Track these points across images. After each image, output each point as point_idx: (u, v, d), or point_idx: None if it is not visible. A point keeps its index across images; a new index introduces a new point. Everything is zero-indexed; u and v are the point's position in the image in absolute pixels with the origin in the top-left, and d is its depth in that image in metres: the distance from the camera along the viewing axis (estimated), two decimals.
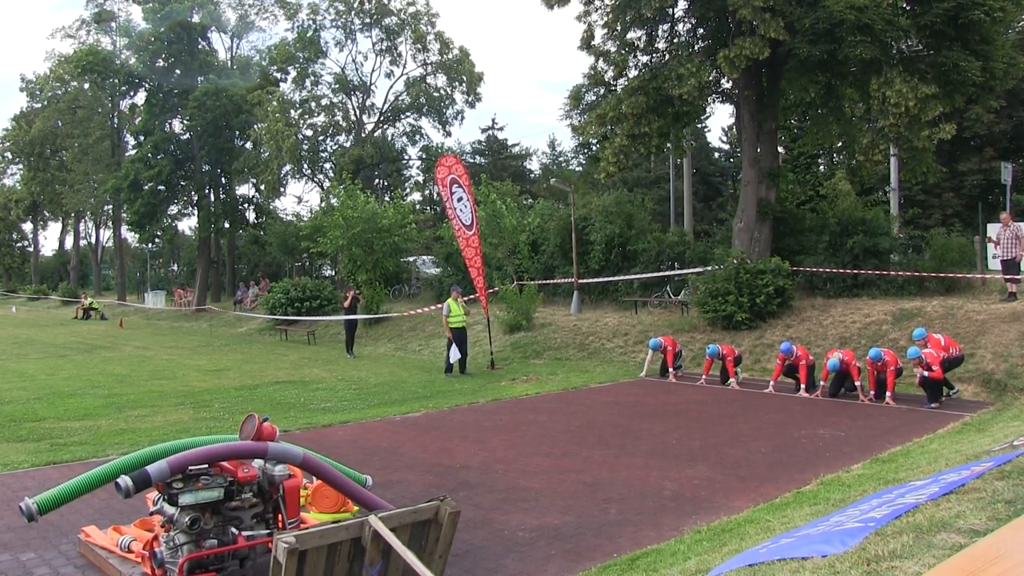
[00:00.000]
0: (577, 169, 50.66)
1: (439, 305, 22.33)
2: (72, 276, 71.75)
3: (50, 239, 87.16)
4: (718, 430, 11.79)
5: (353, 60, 44.73)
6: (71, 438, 12.13)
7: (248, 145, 46.67)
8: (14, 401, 15.75)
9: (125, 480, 5.71)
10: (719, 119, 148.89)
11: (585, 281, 25.93)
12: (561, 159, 56.49)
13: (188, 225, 58.45)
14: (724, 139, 45.43)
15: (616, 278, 25.84)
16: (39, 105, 63.71)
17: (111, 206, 56.60)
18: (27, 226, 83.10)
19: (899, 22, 18.16)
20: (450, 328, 19.07)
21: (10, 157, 75.60)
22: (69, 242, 79.11)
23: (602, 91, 23.41)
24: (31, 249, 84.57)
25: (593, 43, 23.00)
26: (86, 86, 54.77)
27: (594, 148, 37.55)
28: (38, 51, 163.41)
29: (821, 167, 36.58)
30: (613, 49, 22.80)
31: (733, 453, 10.27)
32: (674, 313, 22.83)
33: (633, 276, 25.55)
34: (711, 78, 21.83)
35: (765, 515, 7.27)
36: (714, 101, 25.14)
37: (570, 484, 8.97)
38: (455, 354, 19.02)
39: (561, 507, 8.11)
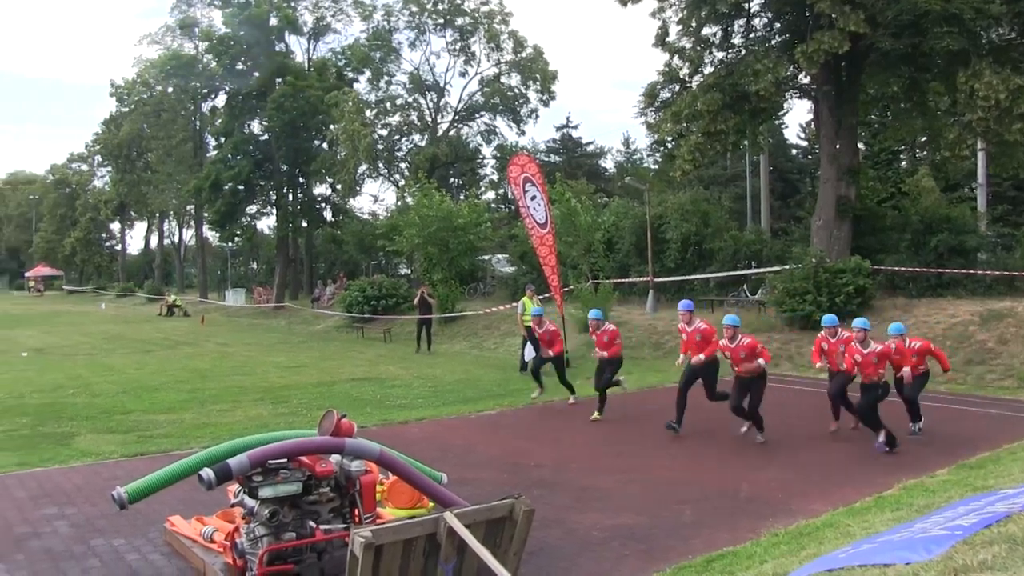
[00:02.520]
0: (652, 167, 50.23)
1: (514, 304, 22.38)
2: (157, 274, 73.72)
3: (136, 238, 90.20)
4: (793, 431, 11.60)
5: (427, 60, 44.97)
6: (157, 430, 12.48)
7: (325, 145, 47.36)
8: (104, 394, 16.27)
9: (208, 473, 5.85)
10: (797, 115, 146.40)
11: (661, 280, 25.71)
12: (636, 157, 56.10)
13: (267, 224, 59.55)
14: (802, 136, 44.56)
15: (692, 277, 25.59)
16: (127, 109, 65.62)
17: (193, 206, 57.93)
18: (115, 226, 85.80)
19: (990, 10, 17.55)
20: (524, 326, 19.09)
21: (100, 160, 78.33)
22: (154, 241, 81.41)
23: (677, 88, 23.18)
24: (119, 248, 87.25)
25: (667, 40, 22.79)
26: (170, 90, 56.17)
27: (669, 146, 37.26)
28: (127, 57, 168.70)
29: (903, 163, 35.69)
30: (688, 45, 22.56)
31: (809, 455, 10.09)
32: (751, 312, 22.50)
33: (709, 275, 25.27)
34: (788, 73, 21.47)
35: (844, 519, 7.12)
36: (791, 97, 24.73)
37: (644, 484, 8.90)
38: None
39: (635, 507, 8.05)
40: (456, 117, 46.15)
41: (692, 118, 21.67)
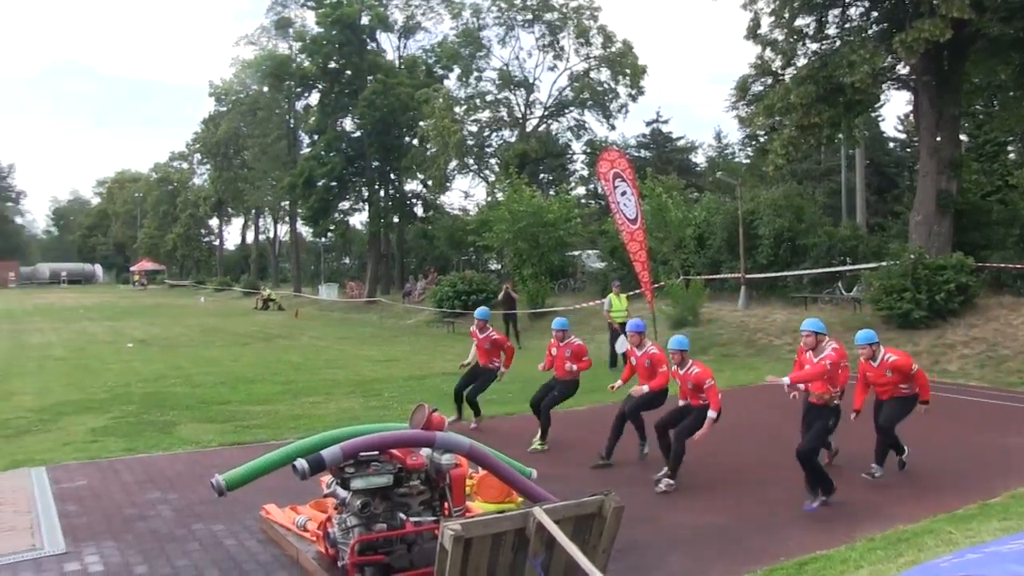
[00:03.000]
0: (744, 162, 49.43)
1: (602, 300, 22.31)
2: (252, 269, 75.62)
3: (233, 234, 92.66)
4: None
5: (516, 56, 45.01)
6: (253, 421, 12.82)
7: (415, 142, 47.88)
8: (203, 385, 16.79)
9: (301, 463, 6.01)
10: (895, 107, 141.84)
11: (753, 276, 25.30)
12: (727, 152, 55.26)
13: (359, 220, 60.55)
14: (900, 128, 43.25)
15: (785, 273, 25.10)
16: (224, 109, 67.61)
17: (287, 202, 59.21)
18: (213, 222, 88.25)
19: None
20: (618, 323, 19.10)
21: (199, 158, 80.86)
22: (250, 237, 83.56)
23: (769, 81, 22.76)
24: (217, 243, 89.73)
25: (759, 32, 22.37)
26: (265, 89, 57.54)
27: (762, 140, 36.59)
28: (224, 59, 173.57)
29: (1011, 155, 34.30)
30: (780, 37, 22.10)
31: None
32: (846, 310, 21.98)
33: (803, 271, 24.76)
34: (886, 64, 20.85)
35: (946, 526, 6.91)
36: (889, 88, 23.99)
37: (736, 483, 8.80)
38: (621, 345, 18.93)
39: (726, 506, 7.97)
40: (546, 113, 46.14)
41: (785, 111, 21.24)
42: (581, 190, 49.76)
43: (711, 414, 8.58)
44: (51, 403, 15.00)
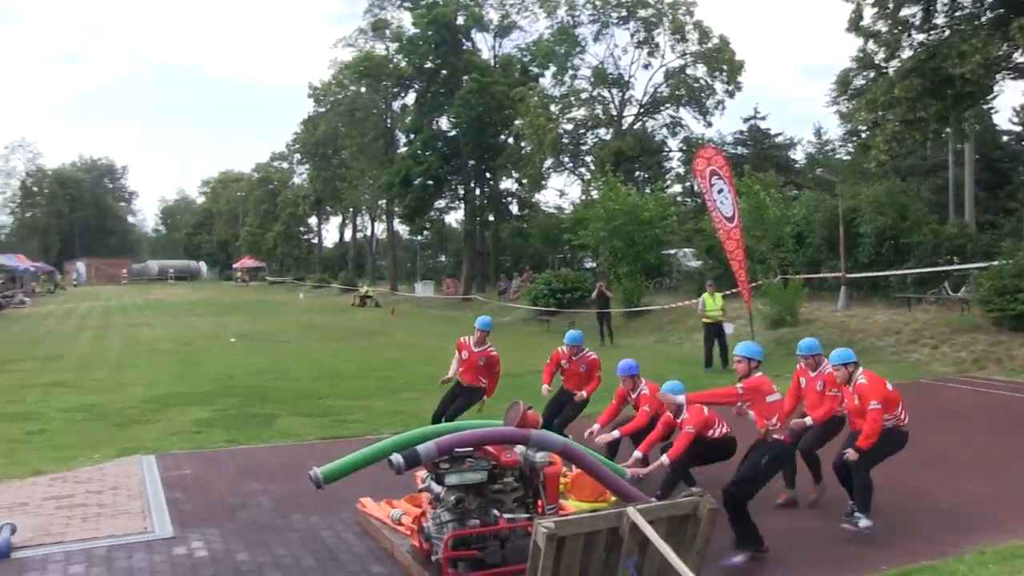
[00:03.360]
0: (845, 158, 48.17)
1: (697, 299, 22.03)
2: (350, 266, 76.89)
3: (331, 232, 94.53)
4: (1005, 440, 10.82)
5: (611, 54, 44.67)
6: (349, 416, 13.07)
7: (510, 140, 48.03)
8: (302, 379, 17.19)
9: (397, 458, 6.10)
10: (1009, 98, 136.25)
11: (853, 276, 24.63)
12: (828, 148, 53.90)
13: (455, 218, 61.08)
14: (1015, 120, 41.49)
15: (887, 273, 24.37)
16: (323, 109, 68.93)
17: (384, 200, 60.00)
18: (312, 220, 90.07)
19: None
20: (704, 322, 18.91)
21: (299, 158, 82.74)
22: (348, 234, 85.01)
23: (872, 74, 22.11)
24: (315, 241, 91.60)
25: (862, 24, 21.71)
26: (363, 90, 58.44)
27: (864, 136, 35.60)
28: (323, 61, 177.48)
29: None
30: (884, 29, 21.40)
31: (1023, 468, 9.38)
32: (952, 311, 21.21)
33: (906, 271, 24.01)
34: (1000, 53, 19.97)
35: None
36: (1003, 79, 22.98)
37: (836, 488, 8.56)
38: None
39: (826, 512, 7.77)
40: (641, 110, 45.70)
41: (889, 105, 20.58)
42: (677, 188, 49.18)
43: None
44: (159, 394, 15.59)
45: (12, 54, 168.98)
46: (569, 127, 45.39)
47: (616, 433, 8.76)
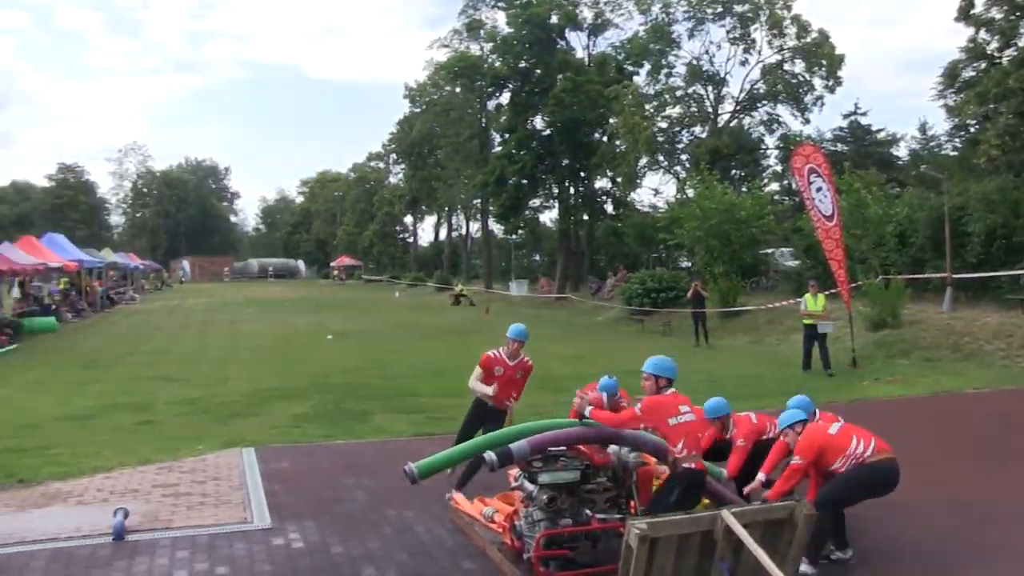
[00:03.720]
0: (952, 154, 46.48)
1: (797, 300, 21.58)
2: (445, 265, 77.55)
3: (426, 231, 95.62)
4: None
5: (706, 51, 44.05)
6: (443, 413, 13.19)
7: (605, 139, 47.83)
8: (397, 377, 17.43)
9: (491, 455, 6.13)
10: None
11: (960, 276, 23.75)
12: (933, 144, 52.01)
13: (549, 217, 61.10)
14: None
15: (998, 273, 23.42)
16: (418, 110, 69.83)
17: (479, 200, 60.43)
18: (408, 219, 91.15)
19: None
20: (804, 323, 18.51)
21: (395, 158, 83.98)
22: (443, 233, 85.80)
23: (984, 65, 21.29)
24: (411, 240, 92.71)
25: (973, 12, 20.94)
26: (458, 90, 58.92)
27: (973, 130, 34.30)
28: (418, 61, 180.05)
29: None
30: (999, 16, 20.58)
31: None
32: None
33: (1019, 271, 23.04)
34: None
35: None
36: None
37: (938, 499, 8.25)
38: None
39: (927, 523, 7.50)
40: (737, 107, 44.98)
41: (1001, 97, 19.82)
42: (774, 186, 48.17)
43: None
44: (259, 389, 16.03)
45: (128, 63, 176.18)
46: (664, 125, 44.97)
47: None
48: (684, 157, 45.98)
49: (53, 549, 7.11)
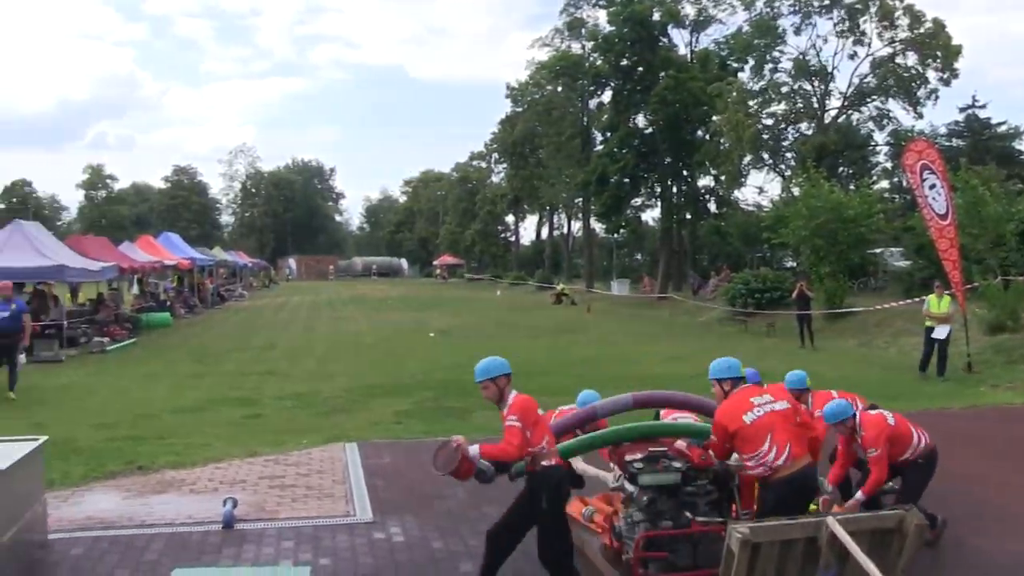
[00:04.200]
0: None
1: (908, 301, 20.88)
2: (546, 264, 77.66)
3: (528, 230, 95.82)
4: None
5: (813, 45, 42.93)
6: None
7: (708, 137, 47.23)
8: None
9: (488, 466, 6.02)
10: None
11: None
12: None
13: (651, 216, 60.70)
14: None
15: None
16: (520, 109, 70.13)
17: (581, 199, 60.35)
18: (509, 218, 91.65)
19: None
20: (926, 324, 17.91)
21: (497, 157, 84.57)
22: (544, 232, 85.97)
23: None
24: (512, 239, 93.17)
25: None
26: (559, 89, 59.00)
27: None
28: (520, 61, 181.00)
29: None
30: None
31: None
32: None
33: None
34: None
35: None
36: None
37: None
38: (940, 333, 17.60)
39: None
40: (845, 103, 43.72)
41: None
42: (884, 184, 46.78)
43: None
44: (362, 385, 16.35)
45: (239, 69, 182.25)
46: (769, 122, 44.07)
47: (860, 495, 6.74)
48: (789, 155, 45.03)
49: (169, 533, 7.48)
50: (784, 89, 43.61)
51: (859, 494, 6.68)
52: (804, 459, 5.79)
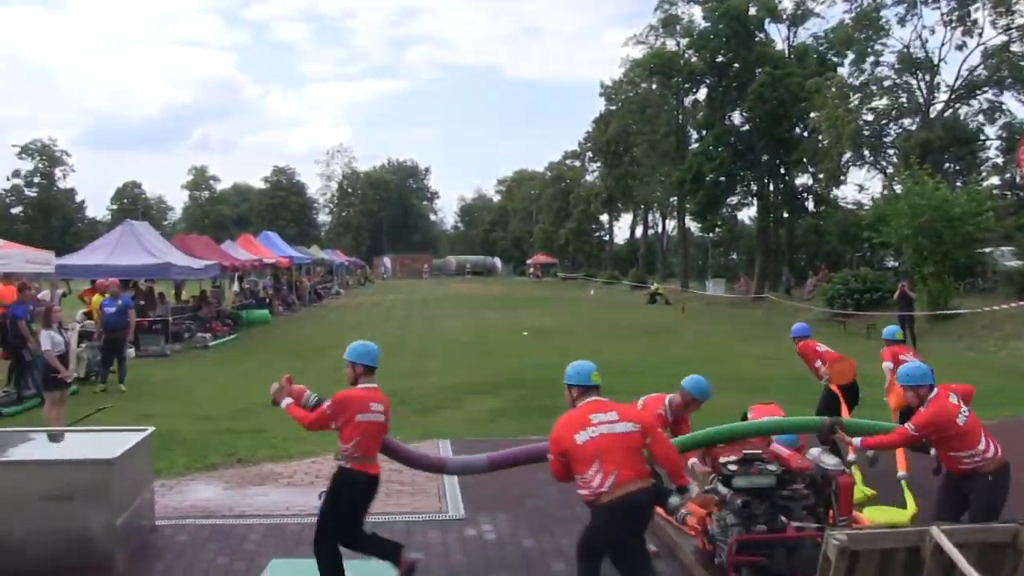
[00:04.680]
0: None
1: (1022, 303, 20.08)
2: (640, 263, 77.19)
3: (622, 229, 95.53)
4: None
5: (918, 36, 41.45)
6: None
7: (806, 134, 46.29)
8: None
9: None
10: None
11: None
12: None
13: (747, 215, 59.86)
14: None
15: None
16: (614, 108, 69.87)
17: (675, 197, 59.80)
18: (603, 217, 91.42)
19: None
20: None
21: (591, 156, 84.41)
22: (639, 232, 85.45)
23: None
24: (606, 238, 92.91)
25: None
26: (654, 87, 58.59)
27: None
28: (614, 59, 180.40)
29: None
30: None
31: None
32: None
33: None
34: None
35: None
36: None
37: None
38: None
39: None
40: (952, 96, 42.16)
41: None
42: (994, 180, 45.02)
43: None
44: (456, 383, 16.49)
45: (335, 70, 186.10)
46: (870, 118, 42.75)
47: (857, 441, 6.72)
48: (891, 151, 43.72)
49: (266, 524, 7.74)
50: (887, 83, 42.22)
51: (857, 440, 6.60)
52: (635, 483, 5.28)
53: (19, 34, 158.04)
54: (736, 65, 48.24)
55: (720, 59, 48.92)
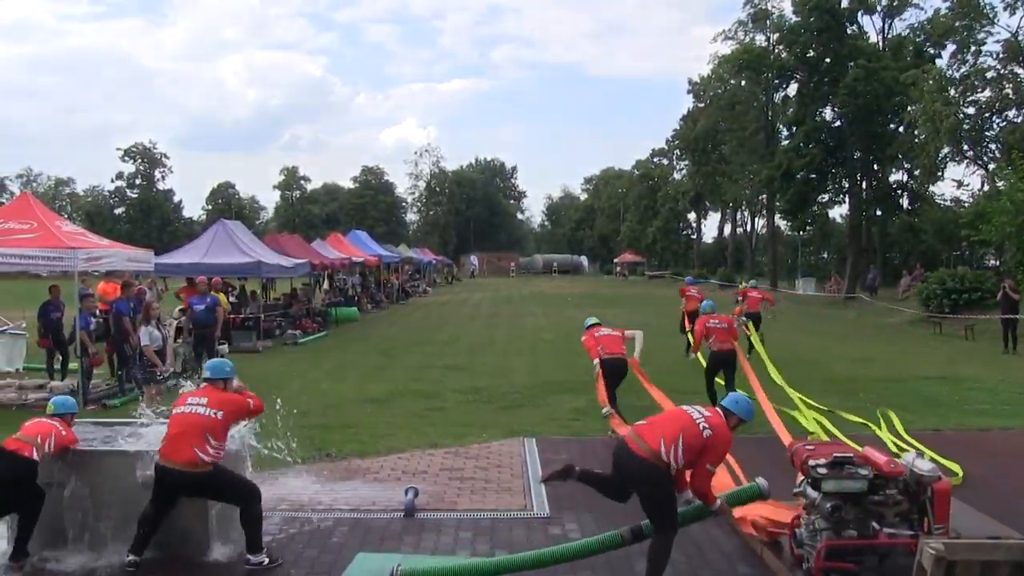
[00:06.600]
0: None
1: None
2: (729, 262, 76.20)
3: (710, 227, 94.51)
4: None
5: None
6: None
7: (902, 129, 45.02)
8: (676, 374, 17.31)
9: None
10: None
11: None
12: None
13: (838, 213, 58.58)
14: None
15: None
16: (702, 104, 69.10)
17: (764, 195, 58.91)
18: (691, 215, 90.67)
19: None
20: None
21: (679, 154, 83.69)
22: (727, 230, 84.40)
23: None
24: (694, 237, 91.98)
25: None
26: (743, 83, 57.80)
27: None
28: (702, 55, 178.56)
29: None
30: None
31: None
32: None
33: None
34: None
35: None
36: None
37: None
38: None
39: None
40: None
41: None
42: None
43: None
44: (540, 381, 16.53)
45: (423, 71, 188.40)
46: (971, 111, 41.29)
47: None
48: (993, 146, 42.15)
49: (353, 519, 7.90)
50: (989, 75, 40.68)
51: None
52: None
53: (123, 43, 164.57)
54: (827, 59, 47.28)
55: (811, 53, 48.05)
